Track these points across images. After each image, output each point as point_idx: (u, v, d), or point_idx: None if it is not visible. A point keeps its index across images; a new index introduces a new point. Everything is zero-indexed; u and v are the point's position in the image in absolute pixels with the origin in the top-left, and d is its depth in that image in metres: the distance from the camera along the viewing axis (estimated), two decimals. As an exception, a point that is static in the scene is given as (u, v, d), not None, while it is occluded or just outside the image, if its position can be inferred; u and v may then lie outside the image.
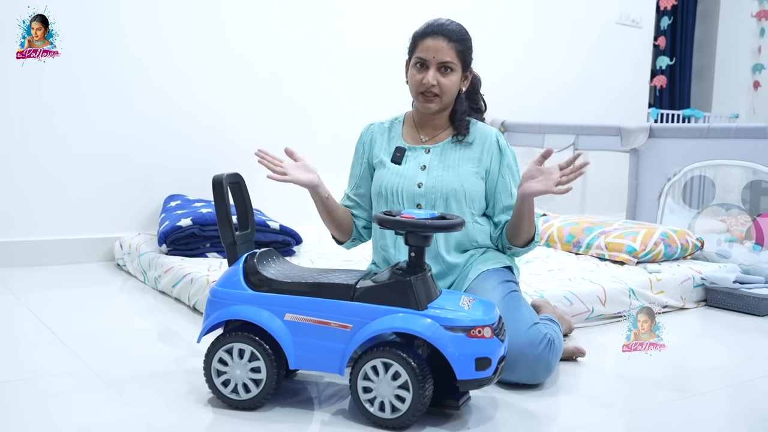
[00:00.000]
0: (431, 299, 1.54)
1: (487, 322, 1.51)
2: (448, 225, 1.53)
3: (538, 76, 4.75)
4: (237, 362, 1.57)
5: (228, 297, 1.62)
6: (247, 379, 1.57)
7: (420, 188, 1.94)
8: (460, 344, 1.48)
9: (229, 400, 1.58)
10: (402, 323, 1.50)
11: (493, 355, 1.51)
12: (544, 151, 1.78)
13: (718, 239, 3.32)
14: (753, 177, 3.28)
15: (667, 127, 3.65)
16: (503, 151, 1.98)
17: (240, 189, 1.77)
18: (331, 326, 1.54)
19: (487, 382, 1.52)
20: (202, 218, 2.91)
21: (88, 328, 2.27)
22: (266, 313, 1.57)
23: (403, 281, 1.52)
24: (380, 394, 1.50)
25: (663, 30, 6.39)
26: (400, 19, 2.22)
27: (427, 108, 1.94)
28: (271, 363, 1.55)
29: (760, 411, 1.80)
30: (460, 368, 1.47)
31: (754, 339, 2.48)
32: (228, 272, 1.66)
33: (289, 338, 1.56)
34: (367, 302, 1.53)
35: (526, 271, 2.80)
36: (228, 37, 3.52)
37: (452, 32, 1.91)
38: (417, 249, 1.55)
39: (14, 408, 1.59)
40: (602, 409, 1.73)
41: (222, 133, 3.53)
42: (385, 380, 1.49)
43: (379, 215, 1.57)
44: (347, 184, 2.11)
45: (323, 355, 1.55)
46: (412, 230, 1.53)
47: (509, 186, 1.98)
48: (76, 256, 3.19)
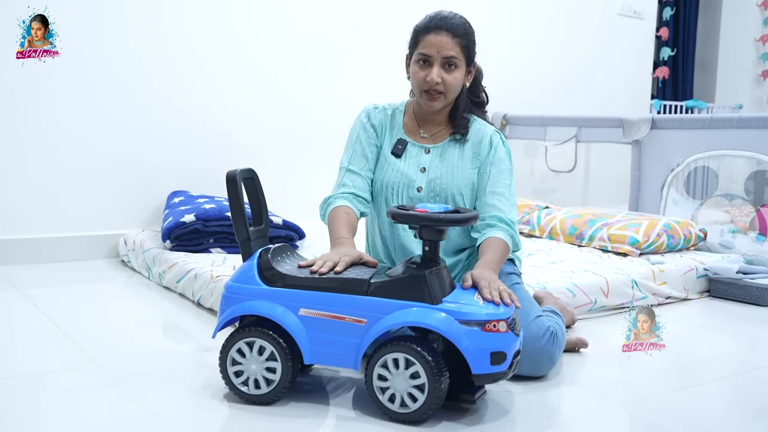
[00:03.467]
0: (445, 293, 1.54)
1: (502, 316, 1.51)
2: (462, 218, 1.53)
3: (539, 69, 4.74)
4: (252, 357, 1.57)
5: (243, 292, 1.61)
6: (263, 374, 1.57)
7: (420, 192, 1.92)
8: (475, 338, 1.47)
9: (245, 394, 1.58)
10: (417, 317, 1.49)
11: (508, 349, 1.50)
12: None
13: (722, 230, 3.32)
14: (756, 167, 3.28)
15: (670, 118, 3.64)
16: (494, 147, 1.92)
17: (254, 184, 1.75)
18: (345, 321, 1.53)
19: (502, 376, 1.52)
20: (205, 214, 2.91)
21: (94, 324, 2.28)
22: (281, 309, 1.57)
23: (417, 275, 1.51)
24: (396, 388, 1.50)
25: (665, 21, 6.38)
26: (403, 16, 2.20)
27: (431, 106, 1.89)
28: (286, 358, 1.55)
29: (763, 401, 1.80)
30: (475, 362, 1.47)
31: (757, 329, 2.48)
32: (242, 268, 1.66)
33: (304, 333, 1.55)
34: (382, 297, 1.52)
35: (528, 263, 2.80)
36: (230, 36, 3.52)
37: (456, 27, 1.85)
38: (431, 243, 1.55)
39: (22, 404, 1.60)
40: (605, 400, 1.74)
41: (225, 131, 3.54)
42: (401, 375, 1.49)
43: (393, 210, 1.56)
44: (349, 160, 1.95)
45: (338, 350, 1.54)
46: (426, 224, 1.52)
47: (490, 182, 1.90)
48: (81, 253, 3.20)
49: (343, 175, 1.95)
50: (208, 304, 2.39)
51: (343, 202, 1.88)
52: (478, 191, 1.92)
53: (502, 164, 1.93)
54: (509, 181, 1.93)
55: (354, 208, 1.89)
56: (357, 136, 1.97)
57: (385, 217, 1.96)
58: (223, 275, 2.39)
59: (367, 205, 1.94)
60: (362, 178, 1.93)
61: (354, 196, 1.91)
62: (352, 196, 1.91)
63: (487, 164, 1.92)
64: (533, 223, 3.47)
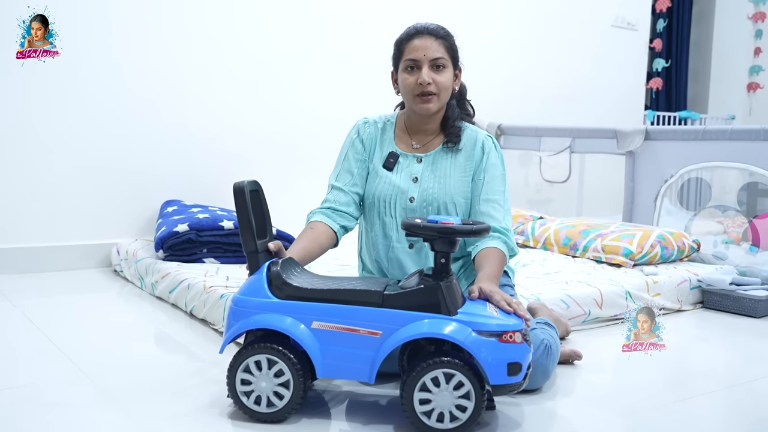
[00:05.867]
0: (458, 305, 1.53)
1: (517, 327, 1.51)
2: (477, 230, 1.52)
3: (534, 80, 4.76)
4: (262, 374, 1.54)
5: (252, 306, 1.57)
6: (275, 389, 1.53)
7: (412, 202, 1.92)
8: (492, 349, 1.47)
9: (255, 413, 1.54)
10: (432, 329, 1.48)
11: (523, 359, 1.50)
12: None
13: (715, 241, 3.33)
14: (749, 179, 3.29)
15: (663, 130, 3.66)
16: (487, 153, 1.93)
17: (258, 197, 1.70)
18: (360, 333, 1.52)
19: (517, 387, 1.51)
20: (198, 224, 2.90)
21: (85, 335, 2.26)
22: (292, 321, 1.54)
23: (433, 287, 1.50)
24: (440, 405, 1.48)
25: (659, 32, 6.41)
26: (391, 28, 2.20)
27: (426, 109, 1.88)
28: (297, 373, 1.52)
29: (757, 413, 1.80)
30: (493, 373, 1.47)
31: (751, 341, 2.48)
32: (251, 280, 1.62)
33: (317, 346, 1.53)
34: (397, 308, 1.51)
35: (522, 274, 2.80)
36: (226, 48, 3.53)
37: (437, 30, 1.89)
38: (444, 255, 1.54)
39: (11, 418, 1.58)
40: (599, 412, 1.73)
41: (219, 141, 3.53)
42: (446, 390, 1.48)
43: (407, 221, 1.54)
44: (336, 176, 1.98)
45: (353, 363, 1.52)
46: (441, 236, 1.51)
47: (484, 189, 1.91)
48: (73, 263, 3.18)
49: (328, 191, 1.98)
50: (201, 315, 2.38)
51: (319, 218, 1.91)
52: (471, 199, 1.92)
53: (495, 170, 1.93)
54: (502, 187, 1.93)
55: (331, 221, 1.91)
56: (345, 153, 2.00)
57: (378, 230, 1.96)
58: (216, 285, 2.38)
59: (349, 218, 1.95)
60: (345, 193, 1.95)
61: (333, 211, 1.93)
62: (330, 211, 1.93)
63: (480, 171, 1.92)
64: (527, 233, 3.47)
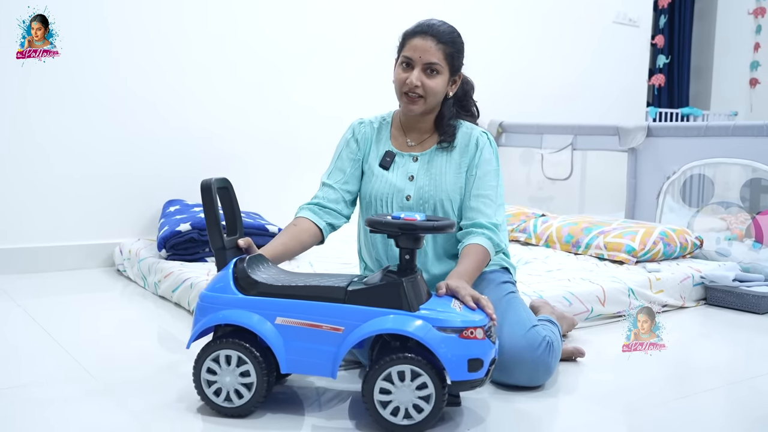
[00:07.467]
0: (422, 301, 1.54)
1: (479, 323, 1.51)
2: (439, 226, 1.53)
3: (535, 77, 4.75)
4: (226, 369, 1.56)
5: (218, 301, 1.60)
6: (238, 386, 1.56)
7: (408, 201, 1.92)
8: (452, 345, 1.48)
9: (220, 407, 1.57)
10: (394, 324, 1.49)
11: (485, 356, 1.51)
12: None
13: (718, 237, 3.32)
14: (752, 175, 3.28)
15: (665, 126, 3.65)
16: (480, 149, 1.92)
17: (228, 194, 1.73)
18: (322, 329, 1.53)
19: (479, 383, 1.52)
20: (201, 223, 2.91)
21: (89, 334, 2.27)
22: (256, 317, 1.56)
23: (395, 283, 1.52)
24: (399, 400, 1.49)
25: (660, 28, 6.41)
26: (392, 26, 2.20)
27: (410, 110, 1.89)
28: (261, 368, 1.55)
29: (760, 409, 1.80)
30: (452, 369, 1.47)
31: (753, 337, 2.48)
32: (217, 277, 1.65)
33: (281, 342, 1.55)
34: (359, 304, 1.52)
35: (524, 271, 2.80)
36: (229, 48, 3.53)
37: (442, 33, 1.85)
38: (409, 251, 1.55)
39: (14, 415, 1.58)
40: (602, 410, 1.73)
41: (221, 141, 3.53)
42: (407, 387, 1.48)
43: (371, 218, 1.56)
44: (328, 174, 1.98)
45: (315, 359, 1.54)
46: (403, 232, 1.53)
47: (476, 185, 1.91)
48: (76, 262, 3.19)
49: (319, 188, 1.98)
50: (204, 314, 2.38)
51: (305, 214, 1.91)
52: (464, 194, 1.93)
53: (489, 165, 1.93)
54: (495, 183, 1.93)
55: (317, 218, 1.91)
56: (339, 152, 2.00)
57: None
58: (218, 285, 2.38)
59: (337, 215, 1.95)
60: (335, 190, 1.95)
61: (320, 207, 1.93)
62: (318, 207, 1.93)
63: (473, 166, 1.92)
64: (530, 231, 3.47)
